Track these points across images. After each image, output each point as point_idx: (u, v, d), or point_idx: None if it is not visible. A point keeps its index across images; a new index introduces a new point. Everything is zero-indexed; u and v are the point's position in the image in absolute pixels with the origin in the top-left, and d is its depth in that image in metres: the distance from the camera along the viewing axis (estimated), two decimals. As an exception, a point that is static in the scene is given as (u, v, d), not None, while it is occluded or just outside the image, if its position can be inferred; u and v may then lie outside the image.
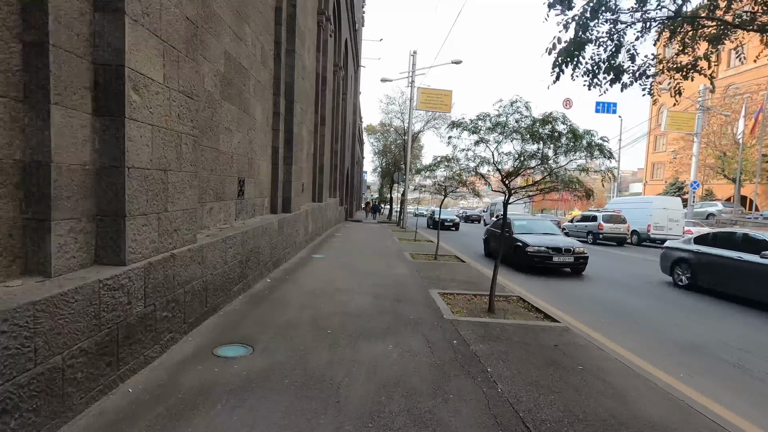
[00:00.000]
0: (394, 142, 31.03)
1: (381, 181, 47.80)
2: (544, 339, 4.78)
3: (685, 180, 40.70)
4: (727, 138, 33.54)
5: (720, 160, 33.67)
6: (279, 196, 8.87)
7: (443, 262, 10.50)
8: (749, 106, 26.60)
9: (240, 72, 6.49)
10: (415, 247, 13.47)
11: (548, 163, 5.57)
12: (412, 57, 23.21)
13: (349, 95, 28.98)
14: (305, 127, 12.10)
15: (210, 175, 5.47)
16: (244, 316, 4.94)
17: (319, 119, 15.05)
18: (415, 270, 8.94)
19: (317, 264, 8.97)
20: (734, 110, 29.51)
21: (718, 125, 33.64)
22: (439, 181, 11.72)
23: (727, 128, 33.27)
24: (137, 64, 3.13)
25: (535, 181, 5.94)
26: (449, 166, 10.80)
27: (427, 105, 23.24)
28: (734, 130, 32.52)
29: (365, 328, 4.76)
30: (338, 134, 22.14)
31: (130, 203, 3.09)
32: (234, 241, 5.39)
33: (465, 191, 11.71)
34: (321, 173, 15.32)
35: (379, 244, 13.75)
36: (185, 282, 3.95)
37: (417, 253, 11.77)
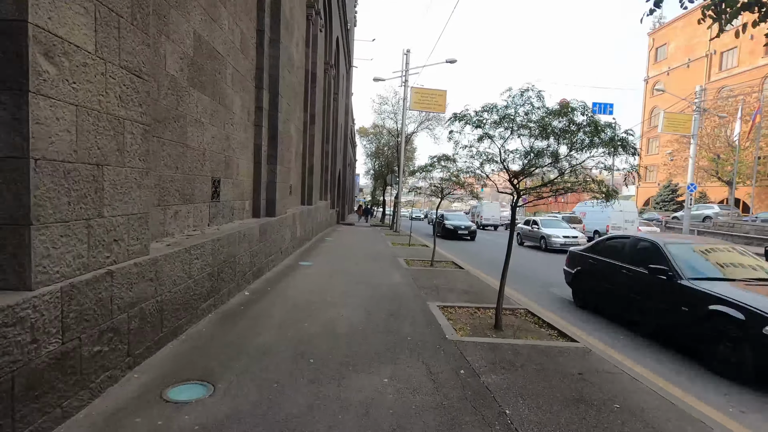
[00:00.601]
0: (387, 143, 30.37)
1: (373, 184, 47.16)
2: (565, 365, 4.07)
3: (679, 182, 40.63)
4: (721, 140, 33.41)
5: (714, 162, 33.51)
6: (262, 199, 8.10)
7: (440, 268, 9.79)
8: (744, 108, 26.39)
9: (214, 58, 5.73)
10: (409, 252, 12.75)
11: (563, 161, 4.89)
12: (406, 56, 22.58)
13: (341, 95, 28.27)
14: (293, 125, 11.35)
15: (175, 173, 4.70)
16: (210, 340, 4.17)
17: (309, 118, 14.31)
18: (410, 278, 8.21)
19: (304, 272, 8.20)
20: (729, 112, 29.31)
21: (711, 127, 33.50)
22: (435, 182, 11.02)
23: (721, 130, 33.14)
24: (51, 23, 2.37)
25: (549, 181, 5.23)
26: (446, 167, 10.17)
27: (420, 105, 22.62)
28: (728, 132, 32.42)
29: (355, 354, 4.01)
30: (329, 135, 21.39)
31: (39, 207, 2.32)
32: (202, 250, 4.61)
33: (462, 193, 11.06)
34: (311, 174, 14.56)
35: (372, 249, 13.02)
36: (130, 304, 3.18)
37: (412, 259, 11.05)
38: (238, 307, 5.41)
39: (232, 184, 6.73)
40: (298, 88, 12.47)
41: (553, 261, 12.89)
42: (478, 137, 5.27)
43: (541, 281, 9.51)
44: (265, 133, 8.13)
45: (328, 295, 6.38)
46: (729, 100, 33.66)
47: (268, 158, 8.30)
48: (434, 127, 26.02)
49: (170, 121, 4.55)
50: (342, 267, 9.01)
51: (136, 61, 3.22)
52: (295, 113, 11.85)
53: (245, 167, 7.41)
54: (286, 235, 9.48)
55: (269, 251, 7.95)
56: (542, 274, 10.46)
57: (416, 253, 12.38)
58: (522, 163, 5.16)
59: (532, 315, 6.05)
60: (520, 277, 9.58)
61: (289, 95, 9.63)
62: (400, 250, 13.23)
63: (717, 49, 40.87)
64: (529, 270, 11.14)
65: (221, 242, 5.24)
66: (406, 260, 10.78)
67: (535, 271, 10.98)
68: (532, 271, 10.95)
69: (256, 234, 7.01)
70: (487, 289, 7.78)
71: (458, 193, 10.80)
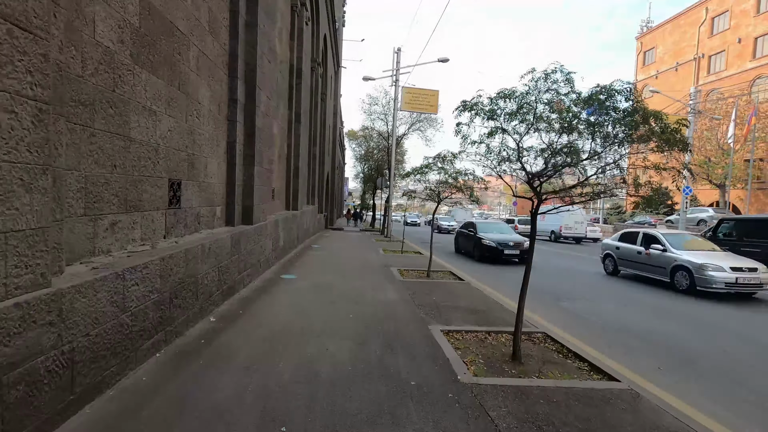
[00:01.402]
0: (377, 146, 29.47)
1: (363, 187, 46.15)
2: (614, 419, 3.14)
3: (667, 186, 40.43)
4: (712, 143, 33.28)
5: (705, 165, 33.34)
6: (237, 204, 7.06)
7: (438, 280, 8.84)
8: (737, 110, 26.13)
9: (171, 34, 4.71)
10: (403, 261, 11.78)
11: (600, 157, 4.00)
12: (396, 54, 21.74)
13: (329, 96, 27.31)
14: (276, 123, 10.34)
15: (111, 174, 3.66)
16: (150, 394, 3.13)
17: (294, 116, 13.29)
18: (407, 293, 7.24)
19: (286, 288, 7.18)
20: (723, 113, 29.11)
21: (702, 130, 33.36)
22: (431, 185, 10.08)
23: (712, 133, 33.01)
24: None
25: (581, 182, 4.29)
26: (443, 168, 9.27)
27: (412, 106, 21.80)
28: (719, 135, 32.29)
29: (341, 414, 3.02)
30: (317, 136, 20.38)
31: None
32: (144, 272, 3.58)
33: (461, 197, 10.16)
34: (296, 177, 13.53)
35: (362, 257, 12.03)
36: (8, 366, 2.14)
37: (406, 269, 10.09)
38: (197, 340, 4.36)
39: (198, 187, 5.70)
40: (281, 83, 11.49)
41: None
42: (489, 132, 4.36)
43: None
44: (240, 129, 7.10)
45: (311, 319, 5.38)
46: (719, 103, 33.64)
47: (244, 158, 7.27)
48: (426, 128, 25.22)
49: (103, 105, 3.52)
50: (329, 281, 7.99)
51: (19, 7, 2.20)
52: (278, 110, 10.84)
53: (216, 168, 6.37)
54: (266, 245, 8.43)
55: (244, 265, 6.91)
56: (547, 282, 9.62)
57: (410, 262, 11.43)
58: (545, 160, 4.24)
59: (552, 340, 5.13)
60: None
61: (269, 89, 8.62)
62: (393, 258, 12.26)
63: (705, 53, 41.05)
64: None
65: (176, 259, 4.21)
66: (401, 270, 9.81)
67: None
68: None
69: (227, 246, 5.97)
70: (495, 306, 6.86)
71: (456, 197, 9.88)
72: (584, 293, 8.83)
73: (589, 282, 10.43)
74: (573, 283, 10.11)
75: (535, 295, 7.50)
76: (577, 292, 8.84)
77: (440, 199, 9.87)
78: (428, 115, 24.69)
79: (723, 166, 31.48)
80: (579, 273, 11.98)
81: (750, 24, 36.38)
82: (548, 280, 10.10)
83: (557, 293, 8.57)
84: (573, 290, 9.09)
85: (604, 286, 9.92)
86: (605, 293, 9.01)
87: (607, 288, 9.69)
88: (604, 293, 9.01)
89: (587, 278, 11.02)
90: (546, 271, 11.85)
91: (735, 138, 24.09)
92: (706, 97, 37.67)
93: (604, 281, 10.66)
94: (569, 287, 9.43)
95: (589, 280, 10.81)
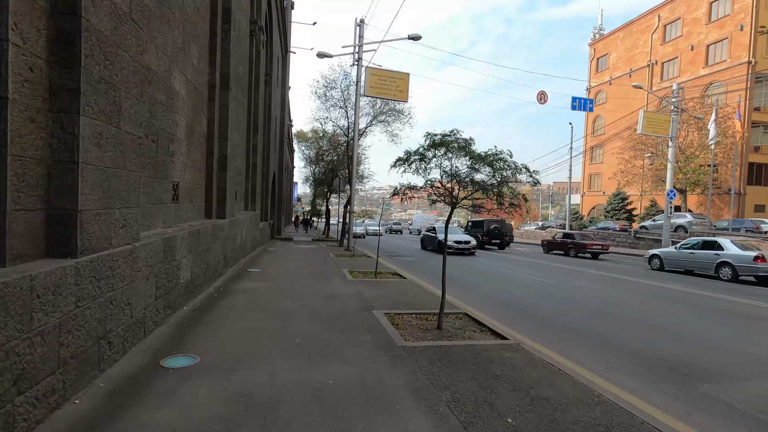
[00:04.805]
0: (331, 145, 25.27)
1: (314, 192, 41.54)
2: None
3: (627, 192, 40.15)
4: (682, 148, 32.81)
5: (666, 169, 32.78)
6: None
7: (461, 343, 4.99)
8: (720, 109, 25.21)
9: None
10: (384, 292, 7.82)
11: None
12: (359, 27, 17.85)
13: (276, 82, 22.83)
14: (177, 71, 6.01)
15: None
16: None
17: (220, 79, 8.93)
18: (418, 386, 3.34)
19: None
20: (679, 121, 28.34)
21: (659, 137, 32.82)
22: (434, 179, 6.22)
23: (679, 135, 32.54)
24: None
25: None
26: (465, 150, 5.60)
27: (378, 90, 17.97)
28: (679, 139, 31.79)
29: None
30: (258, 122, 15.93)
31: None
32: None
33: (484, 202, 6.45)
34: (223, 169, 9.13)
35: (323, 290, 7.89)
36: None
37: (397, 312, 6.18)
38: None
39: None
40: (190, 11, 7.07)
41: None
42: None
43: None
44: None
45: None
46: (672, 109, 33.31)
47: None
48: (392, 121, 21.41)
49: None
50: (255, 374, 3.84)
51: None
52: (186, 53, 6.45)
53: None
54: (110, 308, 4.11)
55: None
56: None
57: (399, 296, 7.51)
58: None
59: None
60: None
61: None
62: (369, 288, 8.23)
63: (658, 60, 41.46)
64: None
65: None
66: (395, 320, 5.84)
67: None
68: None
69: None
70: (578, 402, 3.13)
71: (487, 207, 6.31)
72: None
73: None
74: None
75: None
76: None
77: (456, 202, 6.02)
78: (394, 105, 20.99)
79: (689, 171, 30.97)
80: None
81: (702, 32, 36.90)
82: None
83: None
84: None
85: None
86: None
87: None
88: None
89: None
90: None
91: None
92: (659, 105, 37.78)
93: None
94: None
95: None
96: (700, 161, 31.71)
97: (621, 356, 5.03)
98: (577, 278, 12.09)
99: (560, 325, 6.45)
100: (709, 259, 13.13)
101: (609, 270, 14.55)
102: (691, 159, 31.06)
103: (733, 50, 34.13)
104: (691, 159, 31.06)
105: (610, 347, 5.38)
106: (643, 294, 9.74)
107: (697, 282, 12.17)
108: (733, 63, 33.85)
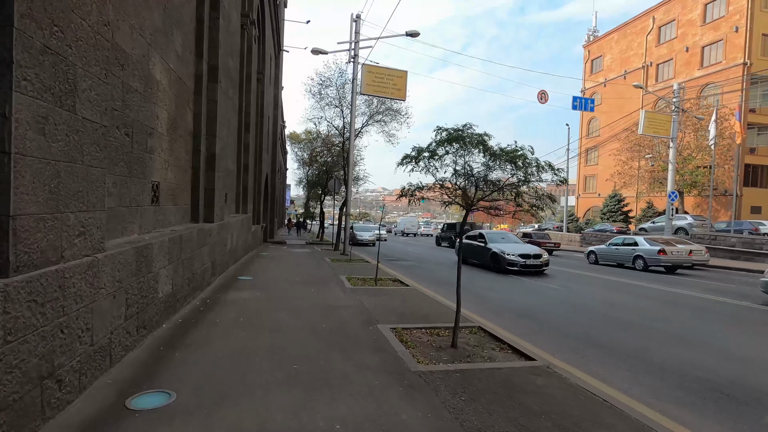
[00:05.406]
0: (325, 146, 24.52)
1: (307, 195, 40.74)
2: None
3: (623, 193, 39.89)
4: (678, 149, 32.59)
5: (665, 171, 32.59)
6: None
7: (484, 366, 4.34)
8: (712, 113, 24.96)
9: None
10: (382, 300, 7.16)
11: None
12: (355, 23, 17.23)
13: (269, 81, 22.10)
14: (157, 57, 5.30)
15: None
16: None
17: (208, 70, 8.22)
18: (445, 428, 2.71)
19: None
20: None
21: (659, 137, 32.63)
22: (446, 179, 5.58)
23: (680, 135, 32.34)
24: None
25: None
26: (482, 147, 4.99)
27: (375, 89, 17.34)
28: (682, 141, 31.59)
29: None
30: (251, 120, 15.20)
31: None
32: None
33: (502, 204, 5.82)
34: (211, 169, 8.41)
35: (320, 301, 7.20)
36: None
37: (404, 327, 5.51)
38: None
39: None
40: None
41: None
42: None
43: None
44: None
45: None
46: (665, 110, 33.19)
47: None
48: (388, 121, 20.73)
49: None
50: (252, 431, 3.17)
51: None
52: (169, 39, 5.75)
53: None
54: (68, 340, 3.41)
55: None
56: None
57: (405, 306, 6.85)
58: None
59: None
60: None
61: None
62: (370, 297, 7.54)
63: (653, 61, 41.37)
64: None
65: None
66: (402, 336, 5.18)
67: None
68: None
69: None
70: None
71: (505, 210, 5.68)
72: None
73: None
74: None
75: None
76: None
77: (472, 204, 5.37)
78: (391, 104, 20.33)
79: (687, 172, 30.75)
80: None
81: (697, 33, 36.84)
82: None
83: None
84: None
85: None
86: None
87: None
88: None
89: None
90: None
91: (716, 142, 22.49)
92: (655, 106, 37.67)
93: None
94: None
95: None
96: (697, 162, 31.54)
97: (649, 369, 4.42)
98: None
99: (554, 324, 5.84)
100: (628, 253, 16.51)
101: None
102: (688, 160, 30.85)
103: (728, 52, 34.08)
104: (688, 160, 30.85)
105: (621, 354, 4.78)
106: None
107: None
108: (729, 64, 33.78)
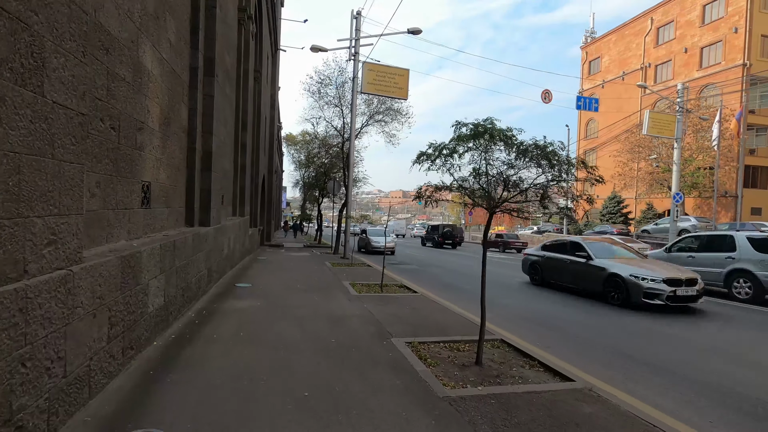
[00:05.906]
0: (323, 147, 23.96)
1: (304, 197, 40.12)
2: None
3: (623, 196, 39.63)
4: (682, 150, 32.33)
5: (670, 172, 32.35)
6: None
7: (518, 389, 3.83)
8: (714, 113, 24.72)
9: None
10: (391, 309, 6.65)
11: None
12: (356, 19, 16.75)
13: (266, 80, 21.55)
14: (148, 46, 4.77)
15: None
16: None
17: (204, 63, 7.70)
18: None
19: None
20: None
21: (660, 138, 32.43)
22: (464, 178, 5.08)
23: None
24: None
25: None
26: (507, 139, 4.51)
27: (376, 87, 16.87)
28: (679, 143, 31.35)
29: None
30: (248, 120, 14.65)
31: None
32: None
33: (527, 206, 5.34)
34: (207, 169, 7.87)
35: (324, 311, 6.66)
36: None
37: (420, 341, 5.00)
38: None
39: None
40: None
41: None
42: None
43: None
44: None
45: None
46: (666, 111, 33.00)
47: None
48: (389, 121, 20.22)
49: None
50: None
51: None
52: (161, 24, 5.21)
53: None
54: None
55: None
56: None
57: (417, 317, 6.33)
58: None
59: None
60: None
61: None
62: (376, 305, 7.02)
63: (651, 63, 41.26)
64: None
65: None
66: (417, 350, 4.68)
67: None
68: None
69: None
70: None
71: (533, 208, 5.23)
72: None
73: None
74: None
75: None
76: None
77: (497, 206, 4.87)
78: (391, 104, 19.83)
79: (687, 174, 30.52)
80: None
81: (696, 34, 36.74)
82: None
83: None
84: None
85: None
86: None
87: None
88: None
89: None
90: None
91: (719, 143, 22.21)
92: (653, 107, 37.47)
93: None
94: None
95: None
96: (698, 164, 31.34)
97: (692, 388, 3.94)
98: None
99: (542, 320, 5.36)
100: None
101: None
102: (689, 162, 30.64)
103: (727, 52, 33.97)
104: (689, 162, 30.64)
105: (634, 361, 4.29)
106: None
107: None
108: (728, 65, 33.68)
